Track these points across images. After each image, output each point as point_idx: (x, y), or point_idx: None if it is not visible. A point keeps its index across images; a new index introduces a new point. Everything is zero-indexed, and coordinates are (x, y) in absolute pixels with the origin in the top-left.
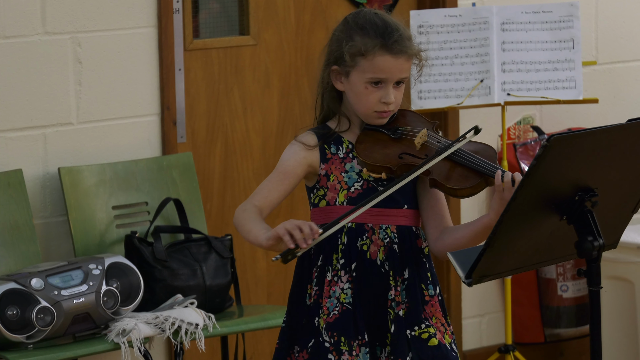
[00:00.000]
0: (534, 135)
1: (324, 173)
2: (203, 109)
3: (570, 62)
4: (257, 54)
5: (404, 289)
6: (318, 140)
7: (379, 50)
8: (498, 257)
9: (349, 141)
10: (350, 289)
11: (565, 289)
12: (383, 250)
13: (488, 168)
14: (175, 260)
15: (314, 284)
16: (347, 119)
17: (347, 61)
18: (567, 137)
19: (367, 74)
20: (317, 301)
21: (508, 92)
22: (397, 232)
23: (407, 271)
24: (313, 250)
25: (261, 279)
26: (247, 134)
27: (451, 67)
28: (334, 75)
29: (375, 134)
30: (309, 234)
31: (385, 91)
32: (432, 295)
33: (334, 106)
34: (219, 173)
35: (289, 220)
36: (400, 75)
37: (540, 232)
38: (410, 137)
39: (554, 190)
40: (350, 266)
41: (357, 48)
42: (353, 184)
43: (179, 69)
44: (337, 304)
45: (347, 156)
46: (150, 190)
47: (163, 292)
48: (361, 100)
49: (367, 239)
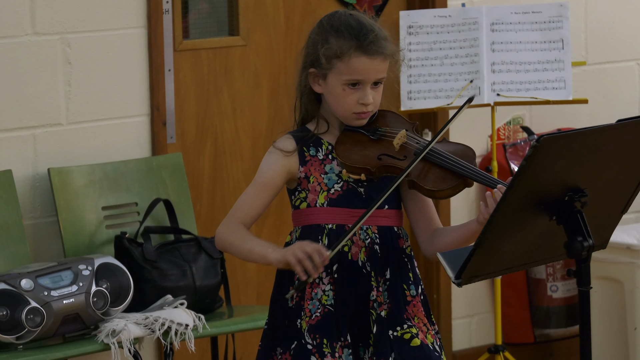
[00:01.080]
0: (524, 135)
1: (304, 175)
2: (193, 110)
3: (560, 63)
4: (246, 55)
5: (386, 289)
6: (297, 144)
7: (354, 52)
8: (488, 257)
9: (328, 142)
10: (331, 291)
11: (555, 289)
12: (364, 251)
13: (467, 169)
14: (165, 261)
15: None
16: (325, 121)
17: (323, 64)
18: (557, 138)
19: (343, 75)
20: (298, 303)
21: (498, 93)
22: (378, 233)
23: (389, 272)
24: None
25: (251, 279)
26: (236, 134)
27: (441, 67)
28: (311, 77)
29: (355, 135)
30: (320, 262)
31: (363, 92)
32: (414, 295)
33: (313, 108)
34: (209, 173)
35: (298, 244)
36: (377, 76)
37: (529, 233)
38: (390, 138)
39: (543, 191)
40: (332, 267)
41: (333, 50)
42: (333, 185)
43: (168, 70)
44: (318, 306)
45: (326, 157)
46: (140, 190)
47: (153, 293)
48: (339, 102)
49: (348, 240)
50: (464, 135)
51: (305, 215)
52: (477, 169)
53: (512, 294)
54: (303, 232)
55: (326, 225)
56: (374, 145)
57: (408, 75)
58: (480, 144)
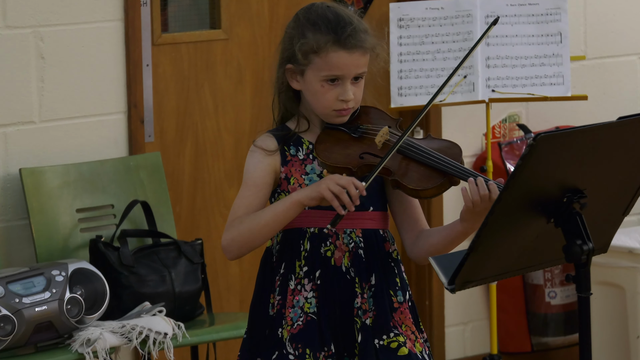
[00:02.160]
0: (520, 133)
1: (284, 176)
2: (172, 107)
3: (558, 57)
4: (229, 49)
5: (371, 296)
6: (278, 144)
7: (332, 47)
8: (482, 261)
9: (309, 142)
10: (314, 298)
11: (553, 296)
12: (348, 255)
13: (452, 167)
14: (143, 266)
15: (276, 293)
16: (306, 119)
17: (300, 59)
18: (555, 136)
19: (321, 71)
20: (280, 311)
21: (493, 89)
22: (362, 236)
23: (374, 277)
24: (276, 257)
25: (233, 285)
26: (218, 133)
27: (433, 62)
28: (289, 74)
29: (336, 134)
30: (356, 195)
31: (343, 88)
32: (402, 301)
33: (292, 106)
34: (189, 174)
35: (329, 177)
36: (356, 71)
37: (526, 236)
38: (372, 135)
39: (540, 192)
40: (314, 274)
41: (310, 45)
42: None
43: (146, 65)
44: (301, 314)
45: (307, 157)
46: (117, 192)
47: (130, 300)
48: (318, 99)
49: (331, 245)
50: (457, 133)
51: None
52: (463, 167)
53: (508, 301)
54: (285, 236)
55: (308, 229)
56: (355, 144)
57: (398, 71)
58: (475, 142)
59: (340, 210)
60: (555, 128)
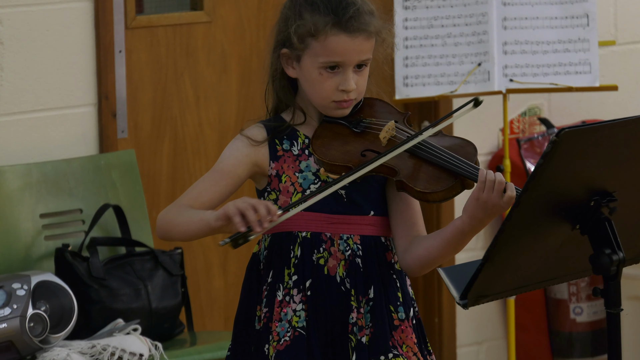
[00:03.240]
0: (542, 129)
1: (275, 173)
2: (148, 99)
3: (585, 42)
4: (212, 33)
5: (368, 311)
6: (267, 135)
7: (331, 29)
8: (498, 273)
9: (305, 135)
10: (303, 311)
11: (579, 312)
12: (343, 264)
13: (464, 167)
14: (115, 278)
15: (263, 304)
16: (302, 111)
17: (296, 44)
18: (581, 132)
19: (320, 57)
20: (267, 325)
21: (510, 78)
22: (360, 244)
23: (373, 290)
24: (263, 264)
25: (217, 300)
26: (200, 127)
27: (443, 48)
28: (283, 60)
29: (335, 128)
30: (265, 215)
31: (344, 77)
32: (403, 319)
33: (286, 96)
34: (167, 174)
35: (242, 197)
36: (359, 58)
37: (548, 244)
38: (375, 130)
39: (564, 194)
40: (304, 283)
41: (307, 27)
42: (309, 185)
43: (119, 51)
44: (288, 329)
45: (302, 153)
46: (86, 195)
47: (101, 316)
48: (316, 88)
49: (325, 252)
50: (470, 128)
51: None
52: (478, 168)
53: (528, 317)
54: (273, 241)
55: (299, 233)
56: (356, 140)
57: (404, 58)
58: (490, 139)
59: (240, 227)
60: (582, 122)
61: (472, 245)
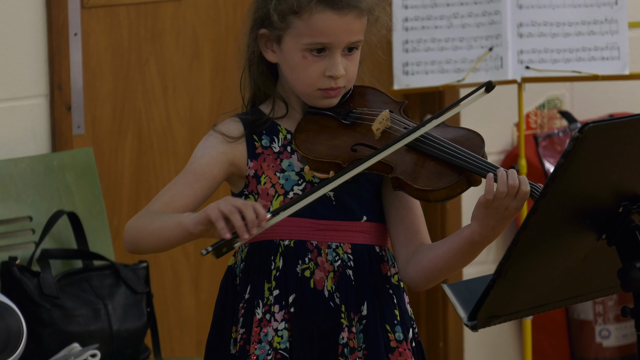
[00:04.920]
0: (563, 123)
1: (253, 174)
2: (108, 89)
3: (612, 24)
4: (181, 13)
5: (361, 330)
6: (245, 129)
7: (317, 6)
8: (512, 290)
9: (287, 130)
10: (286, 330)
11: (606, 335)
12: (332, 277)
13: (471, 161)
14: (70, 297)
15: (239, 324)
16: (283, 102)
17: (276, 22)
18: (608, 127)
19: (303, 38)
20: (244, 348)
21: (527, 65)
22: (352, 253)
23: (366, 306)
24: (240, 278)
25: (188, 321)
26: (168, 122)
27: (449, 30)
28: (262, 41)
29: (322, 120)
30: (253, 220)
31: (331, 61)
32: (401, 339)
33: (265, 84)
34: (130, 176)
35: (225, 198)
36: (349, 39)
37: (570, 257)
38: (367, 122)
39: (589, 199)
40: (287, 299)
41: (289, 3)
42: (292, 187)
43: (74, 34)
44: (269, 351)
45: (284, 150)
46: (36, 200)
47: (53, 340)
48: (299, 74)
49: (311, 262)
50: (480, 122)
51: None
52: (486, 161)
53: (547, 341)
54: (251, 252)
55: (282, 241)
56: (346, 133)
57: (403, 42)
58: (503, 135)
59: (225, 234)
60: (609, 116)
61: (483, 257)
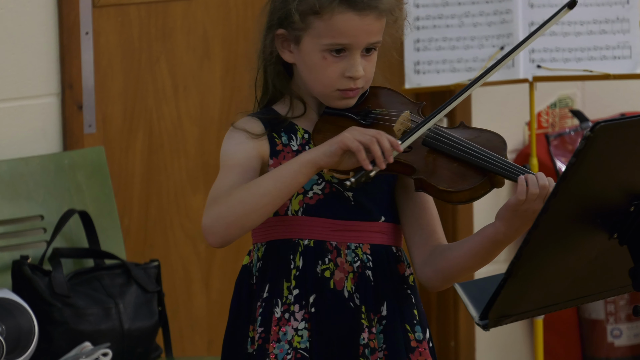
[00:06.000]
0: (574, 122)
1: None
2: (119, 88)
3: (624, 22)
4: (192, 12)
5: (381, 330)
6: (265, 128)
7: (338, 6)
8: (524, 290)
9: (304, 129)
10: (306, 330)
11: (618, 334)
12: (352, 277)
13: (495, 163)
14: (82, 296)
15: (258, 323)
16: (300, 102)
17: (296, 22)
18: (619, 126)
19: (323, 38)
20: (262, 347)
21: (538, 64)
22: (371, 254)
23: (386, 307)
24: (256, 277)
25: (199, 320)
26: (178, 121)
27: (460, 29)
28: (279, 42)
29: (339, 120)
30: (390, 149)
31: (351, 61)
32: (421, 339)
33: (282, 84)
34: (141, 175)
35: (353, 127)
36: (369, 40)
37: (581, 256)
38: (388, 122)
39: (600, 199)
40: (307, 299)
41: (310, 4)
42: (311, 186)
43: (85, 33)
44: (289, 350)
45: (302, 149)
46: (47, 199)
47: (65, 339)
48: (318, 74)
49: (330, 263)
50: (492, 122)
51: (272, 227)
52: (511, 163)
53: (558, 341)
54: (268, 250)
55: (301, 240)
56: None
57: (415, 41)
58: (515, 134)
59: (367, 165)
60: (620, 115)
61: None
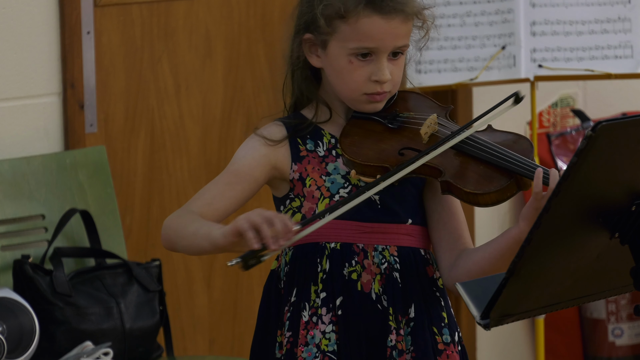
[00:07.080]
0: (576, 122)
1: (298, 177)
2: (120, 87)
3: (626, 22)
4: (194, 11)
5: (409, 332)
6: (287, 133)
7: (364, 10)
8: (525, 289)
9: (331, 134)
10: (334, 333)
11: (619, 334)
12: (379, 279)
13: (521, 165)
14: (83, 295)
15: (286, 328)
16: (327, 106)
17: (322, 27)
18: (621, 125)
19: (350, 42)
20: (291, 351)
21: (540, 64)
22: (398, 256)
23: (413, 309)
24: (284, 282)
25: (201, 320)
26: (180, 120)
27: (461, 29)
28: (306, 46)
29: (367, 124)
30: (282, 231)
31: (377, 65)
32: (448, 342)
33: (309, 89)
34: (143, 174)
35: (255, 210)
36: (395, 43)
37: (583, 256)
38: (415, 126)
39: (602, 198)
40: (335, 301)
41: (335, 8)
42: (338, 190)
43: (87, 32)
44: (317, 354)
45: (329, 154)
46: (48, 198)
47: (66, 339)
48: (345, 79)
49: (358, 265)
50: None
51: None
52: (537, 165)
53: (560, 340)
54: (296, 255)
55: (327, 244)
56: (393, 137)
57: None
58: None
59: (253, 244)
60: (622, 114)
61: None
